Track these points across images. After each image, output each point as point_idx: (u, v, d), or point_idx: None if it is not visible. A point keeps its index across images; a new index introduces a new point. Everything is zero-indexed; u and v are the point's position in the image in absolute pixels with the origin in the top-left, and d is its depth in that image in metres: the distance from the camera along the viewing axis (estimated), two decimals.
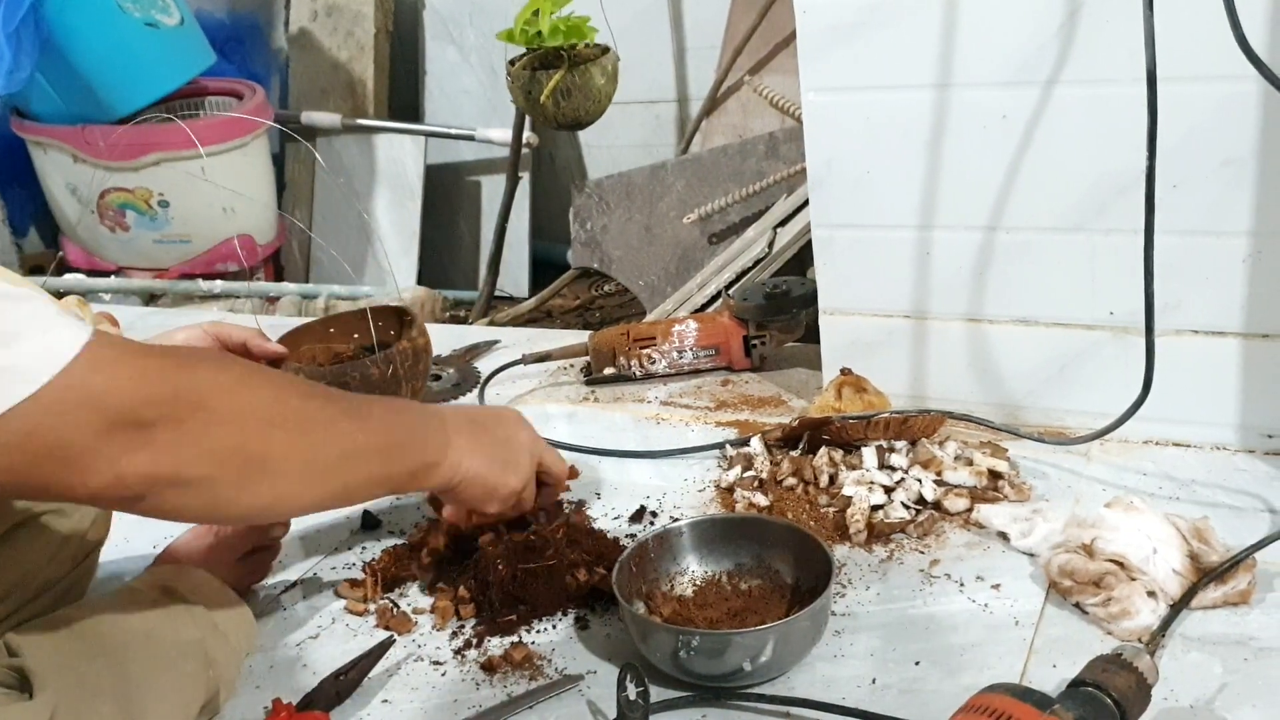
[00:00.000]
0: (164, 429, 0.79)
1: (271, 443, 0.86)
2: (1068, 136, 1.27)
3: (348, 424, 0.93)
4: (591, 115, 1.58)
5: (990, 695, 0.86)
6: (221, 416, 0.83)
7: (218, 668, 1.04)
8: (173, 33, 3.17)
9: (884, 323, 1.45)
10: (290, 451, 0.87)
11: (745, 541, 1.16)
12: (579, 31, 1.56)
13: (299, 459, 0.88)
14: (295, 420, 0.88)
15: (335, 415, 0.92)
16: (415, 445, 1.00)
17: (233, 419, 0.84)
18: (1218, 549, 1.09)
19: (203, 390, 0.82)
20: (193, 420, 0.81)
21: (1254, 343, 1.27)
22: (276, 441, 0.86)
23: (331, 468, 0.91)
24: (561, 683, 1.06)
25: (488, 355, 1.88)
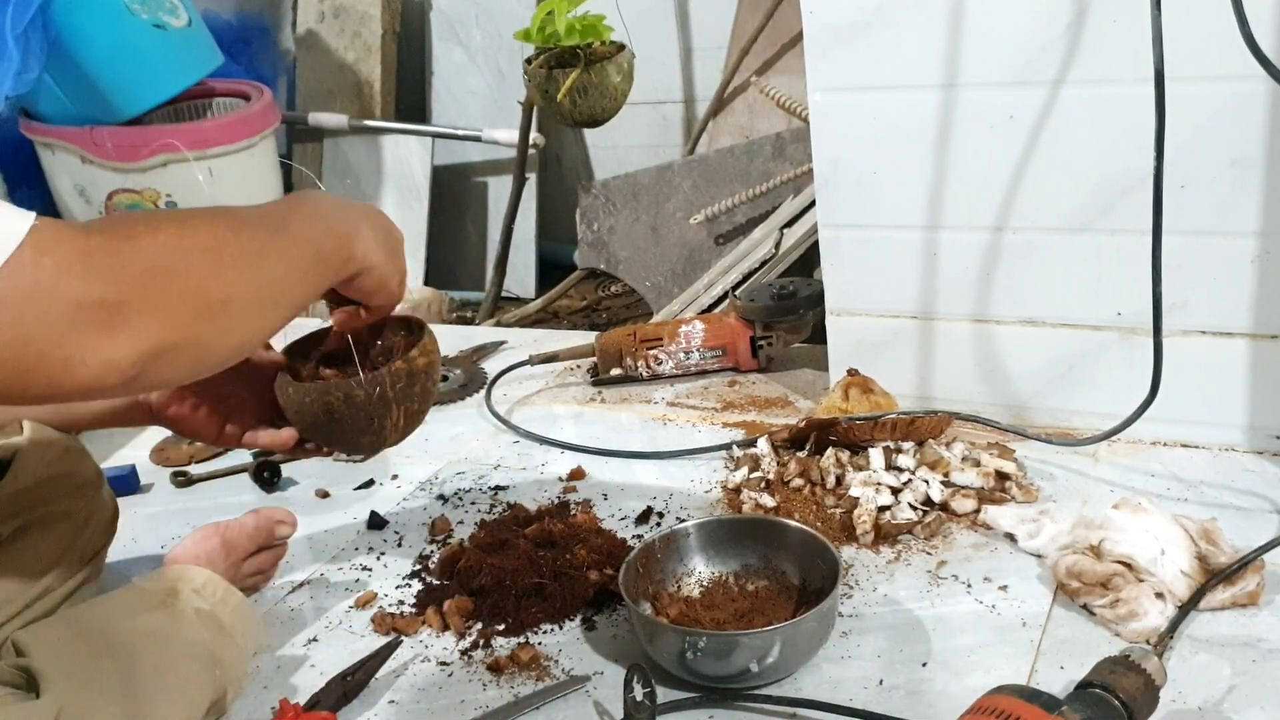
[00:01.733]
0: (131, 304, 0.77)
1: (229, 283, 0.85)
2: (1074, 137, 1.27)
3: (281, 242, 0.93)
4: (608, 113, 1.58)
5: (998, 697, 0.86)
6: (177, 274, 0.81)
7: (224, 668, 1.04)
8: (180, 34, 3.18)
9: (891, 323, 1.45)
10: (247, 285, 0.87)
11: (752, 542, 1.16)
12: (595, 30, 1.56)
13: (255, 288, 0.88)
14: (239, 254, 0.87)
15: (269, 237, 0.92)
16: (337, 245, 1.00)
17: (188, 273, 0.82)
18: (1226, 550, 1.09)
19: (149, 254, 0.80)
20: (154, 287, 0.79)
21: (1262, 343, 1.26)
22: (230, 279, 0.85)
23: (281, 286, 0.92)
24: (568, 683, 1.06)
25: (494, 356, 1.88)
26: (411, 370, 1.16)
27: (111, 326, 0.76)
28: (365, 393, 1.13)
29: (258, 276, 0.88)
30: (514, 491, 1.43)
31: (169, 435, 1.68)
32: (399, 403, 1.16)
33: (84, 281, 0.75)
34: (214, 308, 0.84)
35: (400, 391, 1.15)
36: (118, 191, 3.17)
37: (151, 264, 0.80)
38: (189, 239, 0.84)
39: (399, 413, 1.17)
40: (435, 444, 1.59)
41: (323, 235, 0.98)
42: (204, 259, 0.84)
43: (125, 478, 1.54)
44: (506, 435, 1.59)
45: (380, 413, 1.15)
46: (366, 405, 1.14)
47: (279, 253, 0.92)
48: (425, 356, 1.17)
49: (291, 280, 0.93)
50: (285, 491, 1.51)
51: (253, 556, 1.23)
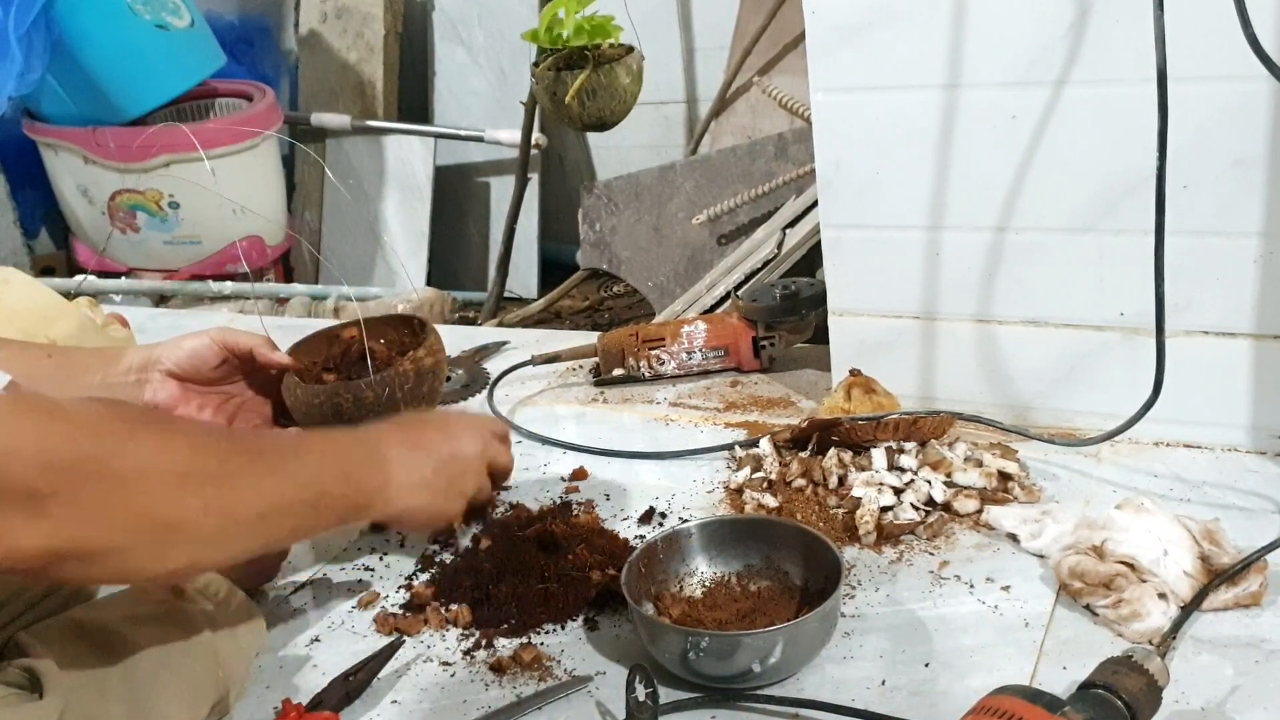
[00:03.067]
0: (61, 500, 0.74)
1: (184, 507, 0.81)
2: (1077, 137, 1.26)
3: (270, 482, 0.89)
4: (617, 115, 1.57)
5: (1000, 697, 0.86)
6: (127, 483, 0.78)
7: (227, 668, 1.04)
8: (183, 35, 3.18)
9: (893, 324, 1.45)
10: (204, 515, 0.83)
11: (754, 543, 1.16)
12: (603, 31, 1.55)
13: (214, 521, 0.84)
14: (211, 482, 0.84)
15: (257, 473, 0.89)
16: (348, 491, 0.96)
17: (141, 485, 0.79)
18: (1229, 551, 1.09)
19: (108, 455, 0.78)
20: (95, 489, 0.76)
21: (1265, 344, 1.26)
22: (190, 506, 0.82)
23: (251, 525, 0.87)
24: (570, 684, 1.06)
25: (497, 356, 1.88)
26: (419, 370, 1.16)
27: (31, 516, 0.73)
28: (374, 394, 1.13)
29: (223, 509, 0.84)
30: (516, 492, 1.43)
31: None
32: (407, 403, 1.15)
33: (23, 465, 0.73)
34: (157, 527, 0.80)
35: (408, 392, 1.15)
36: (120, 192, 3.18)
37: (103, 464, 0.77)
38: (162, 454, 0.81)
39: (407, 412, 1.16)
40: None
41: (330, 479, 0.95)
42: (166, 479, 0.81)
43: None
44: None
45: (389, 413, 1.14)
46: (375, 406, 1.13)
47: (264, 492, 0.88)
48: (432, 356, 1.18)
49: (267, 522, 0.89)
50: None
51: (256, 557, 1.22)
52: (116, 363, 1.15)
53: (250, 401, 1.19)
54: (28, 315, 1.63)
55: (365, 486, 0.97)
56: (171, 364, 1.15)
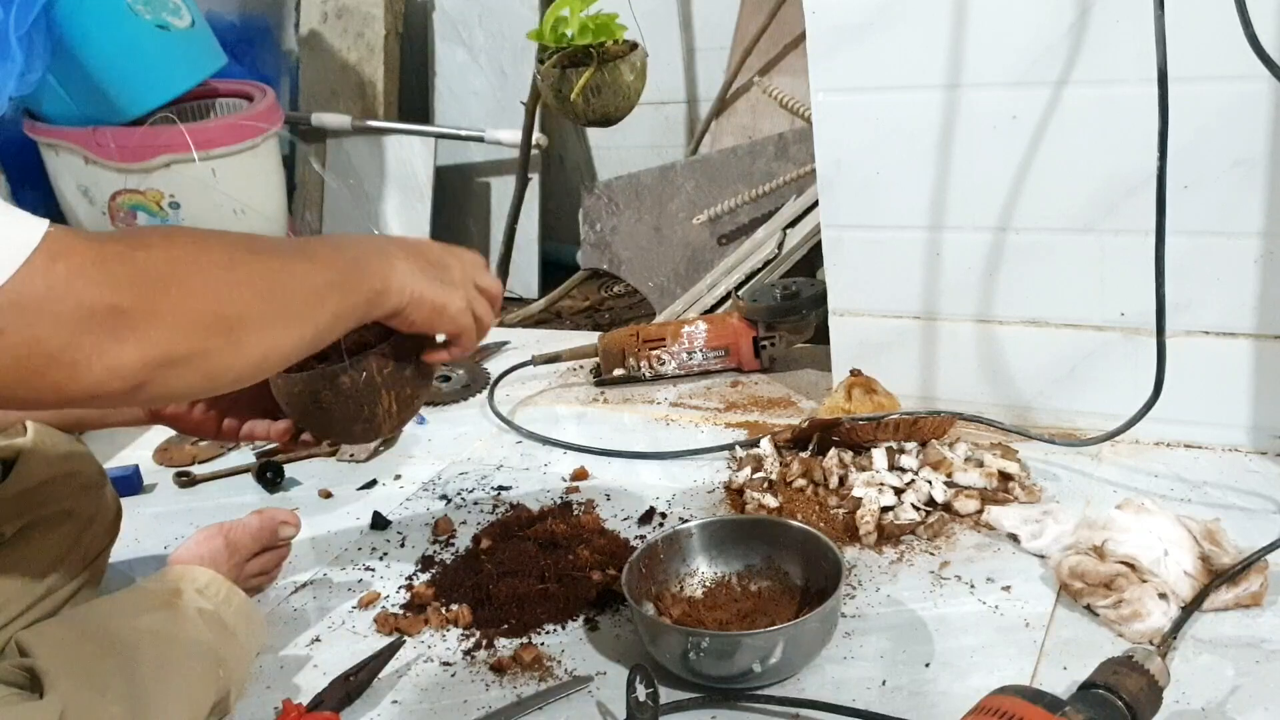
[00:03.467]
0: (141, 312, 0.77)
1: (243, 300, 0.85)
2: (1078, 137, 1.26)
3: (302, 265, 0.94)
4: (621, 111, 1.58)
5: (1001, 697, 0.86)
6: (191, 287, 0.82)
7: (228, 668, 1.04)
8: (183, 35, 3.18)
9: (894, 324, 1.45)
10: (262, 304, 0.87)
11: (755, 543, 1.16)
12: (608, 29, 1.55)
13: (272, 309, 0.88)
14: (257, 273, 0.88)
15: (288, 261, 0.93)
16: (365, 273, 1.00)
17: (202, 287, 0.83)
18: (1229, 551, 1.09)
19: (163, 265, 0.81)
20: (166, 297, 0.79)
21: (1266, 343, 1.26)
22: (247, 297, 0.86)
23: (301, 309, 0.92)
24: (571, 684, 1.06)
25: (497, 356, 1.88)
26: (398, 355, 1.14)
27: (119, 332, 0.76)
28: (351, 379, 1.12)
29: (273, 297, 0.88)
30: (517, 492, 1.43)
31: (172, 436, 1.68)
32: (388, 388, 1.14)
33: (96, 287, 0.75)
34: (227, 323, 0.84)
35: (388, 377, 1.13)
36: (121, 192, 3.18)
37: (165, 274, 0.80)
38: (204, 255, 0.84)
39: (390, 399, 1.14)
40: (438, 444, 1.59)
41: (346, 264, 0.98)
42: (218, 275, 0.84)
43: (128, 478, 1.54)
44: (509, 435, 1.59)
45: (370, 399, 1.13)
46: (354, 392, 1.12)
47: (301, 275, 0.92)
48: (414, 340, 1.15)
49: (310, 303, 0.92)
50: (288, 491, 1.51)
51: (256, 557, 1.23)
52: None
53: (243, 396, 1.19)
54: None
55: (376, 270, 1.00)
56: None
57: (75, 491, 1.10)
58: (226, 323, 0.84)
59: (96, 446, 1.62)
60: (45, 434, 1.10)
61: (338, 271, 0.97)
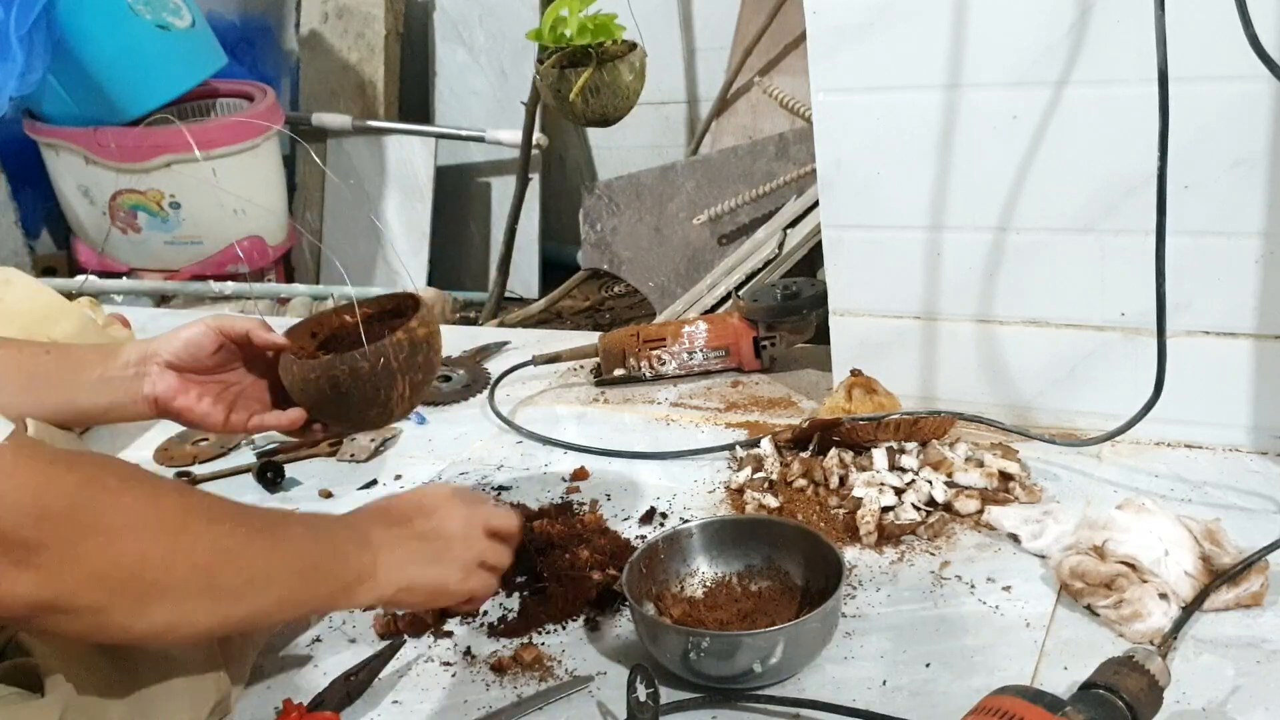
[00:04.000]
0: (52, 551, 0.75)
1: (171, 568, 0.82)
2: (1078, 137, 1.26)
3: (259, 545, 0.89)
4: (620, 111, 1.58)
5: (1001, 697, 0.86)
6: (117, 539, 0.78)
7: (229, 668, 1.04)
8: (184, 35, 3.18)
9: (894, 324, 1.45)
10: (191, 576, 0.83)
11: (755, 543, 1.16)
12: (607, 29, 1.56)
13: (200, 584, 0.84)
14: (200, 544, 0.84)
15: (245, 537, 0.88)
16: (336, 565, 0.95)
17: (131, 544, 0.79)
18: (1230, 551, 1.09)
19: (102, 509, 0.78)
20: (85, 543, 0.76)
21: (1266, 344, 1.26)
22: (177, 566, 0.82)
23: (237, 592, 0.87)
24: (571, 684, 1.06)
25: (498, 356, 1.88)
26: (413, 340, 1.17)
27: (20, 565, 0.74)
28: (370, 364, 1.14)
29: (210, 572, 0.85)
30: (517, 492, 1.43)
31: (173, 435, 1.68)
32: (403, 373, 1.17)
33: (15, 514, 0.74)
34: (142, 586, 0.80)
35: (404, 361, 1.16)
36: (121, 192, 3.18)
37: (95, 521, 0.78)
38: (153, 511, 0.82)
39: (404, 383, 1.18)
40: (439, 444, 1.59)
41: (320, 554, 0.94)
42: (156, 537, 0.81)
43: None
44: (510, 436, 1.59)
45: (386, 384, 1.16)
46: (372, 377, 1.15)
47: (252, 556, 0.88)
48: (425, 326, 1.20)
49: (254, 586, 0.88)
50: (289, 491, 1.51)
51: None
52: (115, 357, 1.16)
53: (249, 388, 1.19)
54: (29, 316, 1.63)
55: (354, 564, 0.97)
56: (169, 355, 1.15)
57: None
58: (139, 586, 0.80)
59: (97, 446, 1.62)
60: (45, 432, 1.10)
61: (301, 560, 0.93)
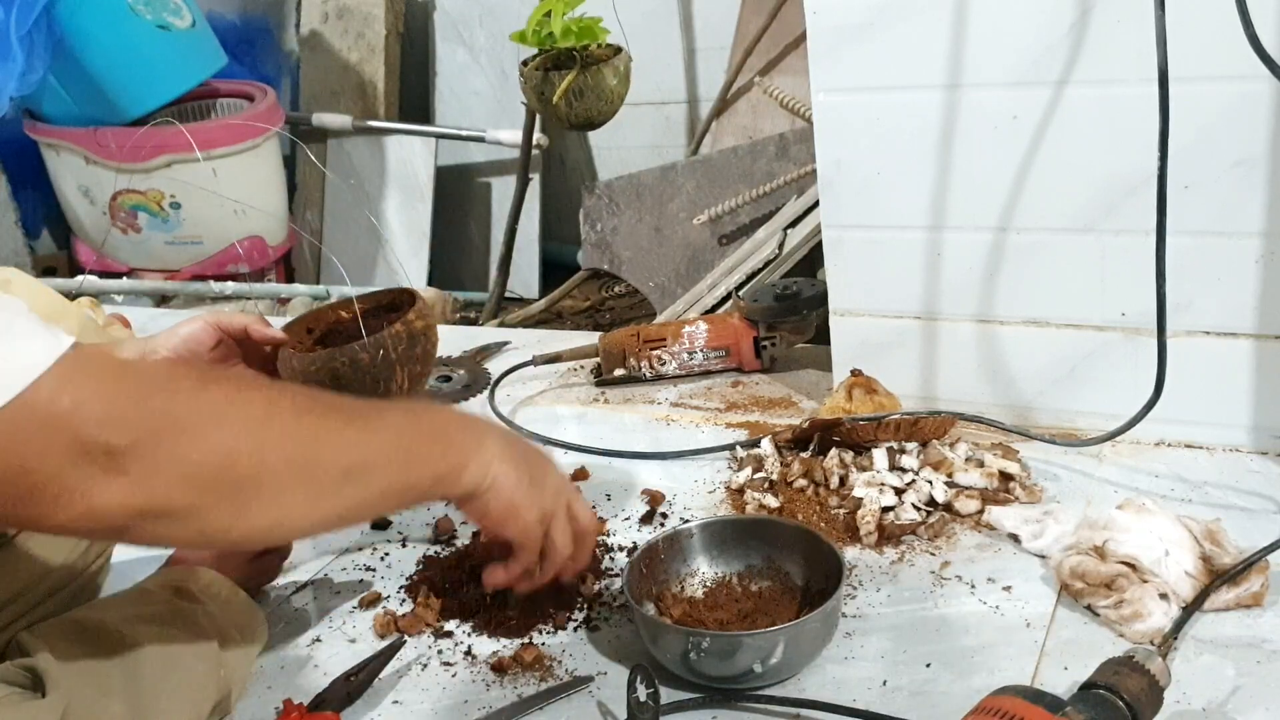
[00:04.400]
0: (137, 456, 0.73)
1: (264, 462, 0.79)
2: (1078, 137, 1.26)
3: (353, 433, 0.85)
4: (604, 115, 1.58)
5: (1002, 698, 0.86)
6: (203, 438, 0.76)
7: (229, 668, 1.04)
8: (184, 35, 3.18)
9: (894, 324, 1.45)
10: (286, 470, 0.80)
11: (755, 543, 1.16)
12: (591, 33, 1.56)
13: (297, 477, 0.81)
14: (291, 435, 0.81)
15: (337, 425, 0.85)
16: (438, 448, 0.92)
17: (217, 440, 0.77)
18: (1230, 551, 1.09)
19: (181, 411, 0.76)
20: (170, 445, 0.74)
21: (1266, 344, 1.26)
22: (270, 460, 0.79)
23: (337, 482, 0.84)
24: (572, 684, 1.06)
25: (498, 356, 1.88)
26: (411, 332, 1.20)
27: (109, 473, 0.72)
28: (370, 355, 1.17)
29: (306, 463, 0.82)
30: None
31: None
32: (402, 364, 1.19)
33: (95, 425, 0.72)
34: (237, 483, 0.78)
35: (403, 353, 1.19)
36: (122, 192, 3.18)
37: (177, 421, 0.75)
38: (236, 406, 0.79)
39: (403, 374, 1.20)
40: None
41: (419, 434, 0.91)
42: (242, 429, 0.79)
43: None
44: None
45: (385, 375, 1.18)
46: (371, 368, 1.17)
47: (348, 444, 0.85)
48: (422, 319, 1.22)
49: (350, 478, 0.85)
50: None
51: (258, 557, 1.22)
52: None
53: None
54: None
55: (458, 443, 0.93)
56: (168, 351, 1.15)
57: None
58: (234, 484, 0.78)
59: None
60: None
61: (401, 444, 0.89)
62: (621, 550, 1.26)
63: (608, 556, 1.25)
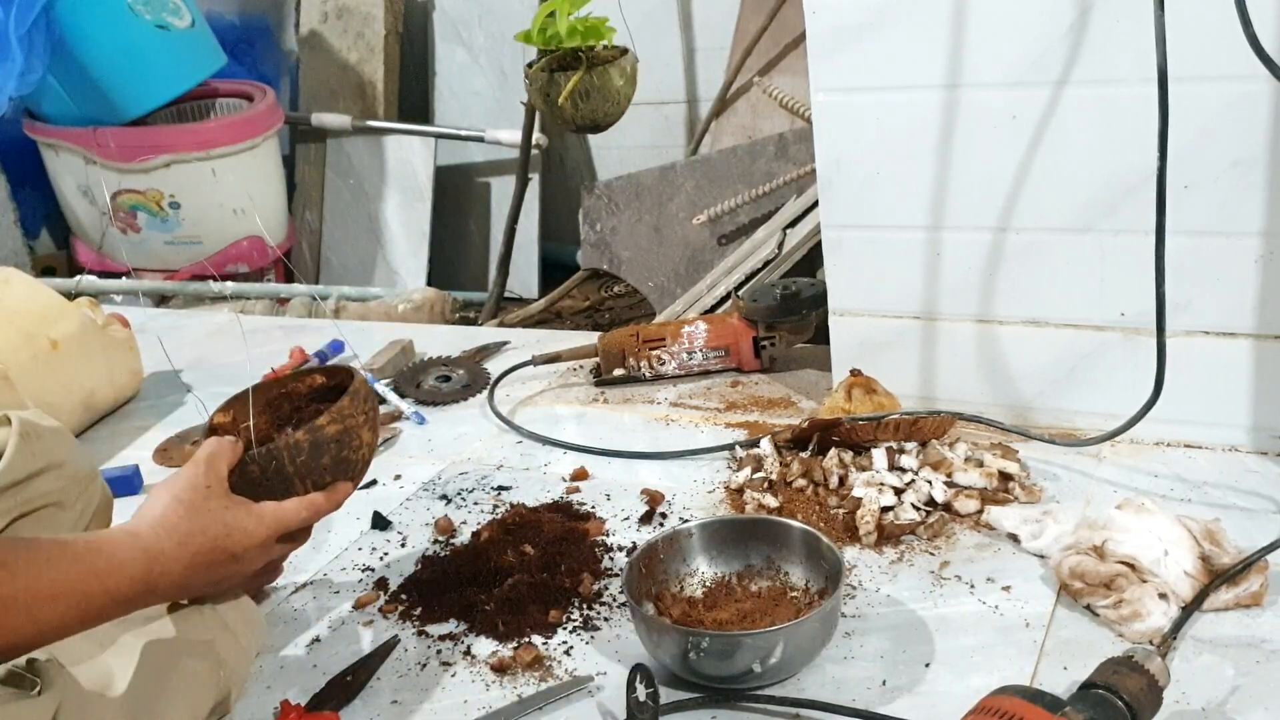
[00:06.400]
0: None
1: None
2: (1078, 137, 1.26)
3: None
4: (610, 117, 1.57)
5: (1001, 697, 0.86)
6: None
7: (228, 668, 1.04)
8: (184, 35, 3.18)
9: (894, 324, 1.45)
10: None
11: (755, 543, 1.16)
12: (597, 32, 1.55)
13: None
14: None
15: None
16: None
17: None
18: (1229, 551, 1.09)
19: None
20: None
21: (1266, 344, 1.26)
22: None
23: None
24: (571, 684, 1.06)
25: (497, 356, 1.88)
26: (316, 441, 1.04)
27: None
28: (260, 467, 1.03)
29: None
30: (517, 492, 1.43)
31: (172, 435, 1.68)
32: (302, 477, 1.04)
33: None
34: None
35: (302, 465, 1.04)
36: (121, 192, 3.18)
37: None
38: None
39: (305, 487, 1.06)
40: (438, 444, 1.59)
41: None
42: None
43: (128, 478, 1.53)
44: (509, 436, 1.59)
45: (280, 488, 1.04)
46: (263, 480, 1.03)
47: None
48: (337, 424, 1.05)
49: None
50: None
51: None
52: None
53: None
54: (28, 315, 1.63)
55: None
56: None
57: (64, 483, 1.09)
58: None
59: (96, 447, 1.62)
60: (30, 426, 1.10)
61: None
62: (621, 550, 1.26)
63: (607, 556, 1.25)
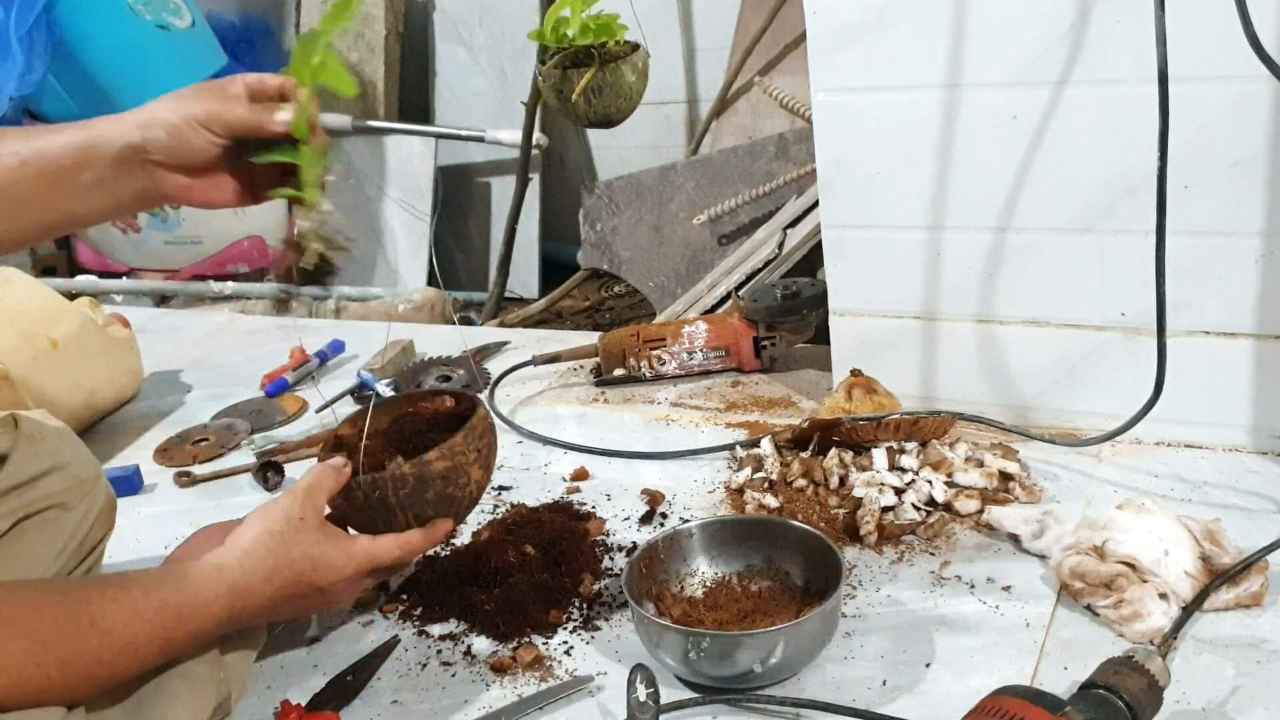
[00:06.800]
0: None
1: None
2: (1078, 137, 1.26)
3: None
4: (623, 112, 1.58)
5: (1001, 697, 0.86)
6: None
7: (229, 670, 1.04)
8: (184, 35, 3.18)
9: (894, 324, 1.45)
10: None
11: (755, 543, 1.16)
12: (609, 29, 1.56)
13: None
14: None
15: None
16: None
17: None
18: (1230, 551, 1.09)
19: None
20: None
21: (1266, 343, 1.26)
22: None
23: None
24: (571, 684, 1.06)
25: (498, 356, 1.88)
26: (422, 475, 1.04)
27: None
28: (364, 494, 1.04)
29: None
30: (517, 491, 1.43)
31: (172, 436, 1.68)
32: (404, 509, 1.05)
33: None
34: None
35: (405, 498, 1.04)
36: None
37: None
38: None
39: (406, 519, 1.06)
40: None
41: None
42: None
43: (128, 478, 1.54)
44: (510, 435, 1.59)
45: (382, 517, 1.06)
46: (366, 507, 1.05)
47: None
48: (445, 460, 1.05)
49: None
50: None
51: None
52: (98, 157, 1.12)
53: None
54: (29, 315, 1.63)
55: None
56: (161, 155, 1.14)
57: (69, 484, 1.09)
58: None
59: (96, 446, 1.62)
60: (35, 427, 1.10)
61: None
62: (621, 550, 1.26)
63: (607, 556, 1.25)
